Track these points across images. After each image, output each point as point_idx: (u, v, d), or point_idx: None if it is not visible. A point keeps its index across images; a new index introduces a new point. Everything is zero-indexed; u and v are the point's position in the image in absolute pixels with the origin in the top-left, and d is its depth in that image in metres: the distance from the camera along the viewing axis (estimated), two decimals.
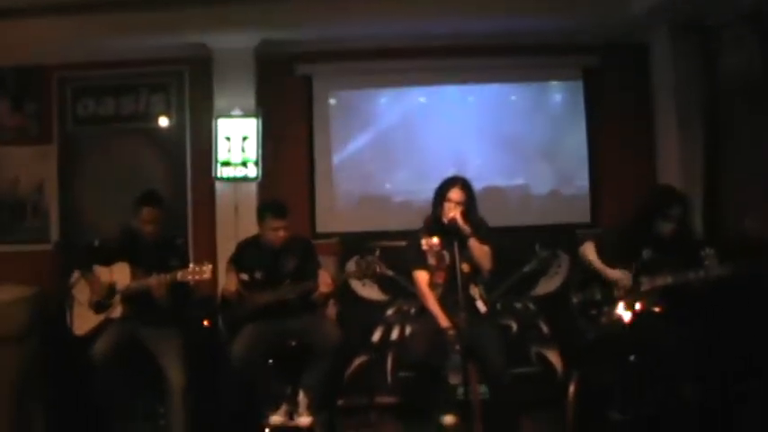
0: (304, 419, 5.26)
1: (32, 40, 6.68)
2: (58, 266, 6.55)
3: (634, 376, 5.14)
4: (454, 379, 5.04)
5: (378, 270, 5.31)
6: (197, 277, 4.96)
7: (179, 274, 4.99)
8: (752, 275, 4.88)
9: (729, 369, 4.87)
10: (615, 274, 5.19)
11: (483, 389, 5.27)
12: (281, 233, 5.41)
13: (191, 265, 5.01)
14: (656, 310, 5.06)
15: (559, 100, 7.38)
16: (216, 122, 6.78)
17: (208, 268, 4.95)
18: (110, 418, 5.22)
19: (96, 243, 5.51)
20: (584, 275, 5.40)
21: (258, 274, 5.47)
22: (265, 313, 5.37)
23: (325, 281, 5.22)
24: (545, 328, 6.52)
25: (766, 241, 5.43)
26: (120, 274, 5.21)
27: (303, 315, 5.40)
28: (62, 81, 7.29)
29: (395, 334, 6.51)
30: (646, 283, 5.08)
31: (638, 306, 5.09)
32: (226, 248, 6.19)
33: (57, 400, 5.72)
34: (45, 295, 5.94)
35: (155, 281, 5.04)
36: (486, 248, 4.93)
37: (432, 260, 5.06)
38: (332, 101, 7.37)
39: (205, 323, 6.17)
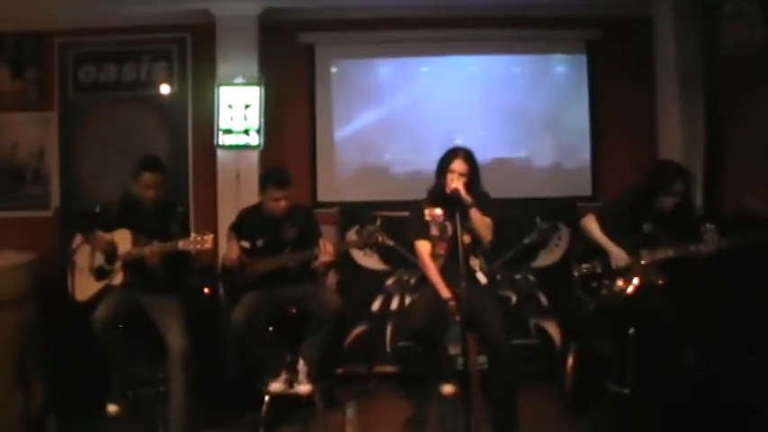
0: (303, 387, 5.28)
1: (33, 5, 6.66)
2: (58, 233, 6.56)
3: (633, 348, 5.17)
4: (453, 349, 5.08)
5: (379, 240, 5.31)
6: (198, 246, 4.95)
7: (180, 243, 4.97)
8: (752, 247, 4.90)
9: (730, 341, 4.89)
10: (614, 249, 5.21)
11: (482, 359, 5.30)
12: (282, 203, 5.40)
13: (192, 235, 5.00)
14: (659, 282, 5.08)
15: (562, 72, 7.33)
16: (218, 90, 6.76)
17: (209, 238, 4.93)
18: (110, 385, 5.24)
19: (97, 209, 5.48)
20: (584, 248, 5.41)
21: (259, 242, 5.48)
22: (266, 281, 5.39)
23: (326, 250, 5.22)
24: (544, 300, 6.55)
25: (766, 217, 5.43)
26: (121, 241, 5.20)
27: (303, 283, 5.42)
28: (63, 47, 7.24)
29: (395, 304, 6.53)
30: (646, 256, 5.10)
31: (636, 281, 5.11)
32: (227, 216, 6.19)
33: (57, 367, 5.74)
34: (45, 261, 5.95)
35: (148, 250, 5.04)
36: (487, 220, 4.94)
37: (434, 231, 5.07)
38: (334, 69, 7.33)
39: (206, 291, 6.18)
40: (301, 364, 5.30)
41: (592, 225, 5.34)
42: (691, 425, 4.68)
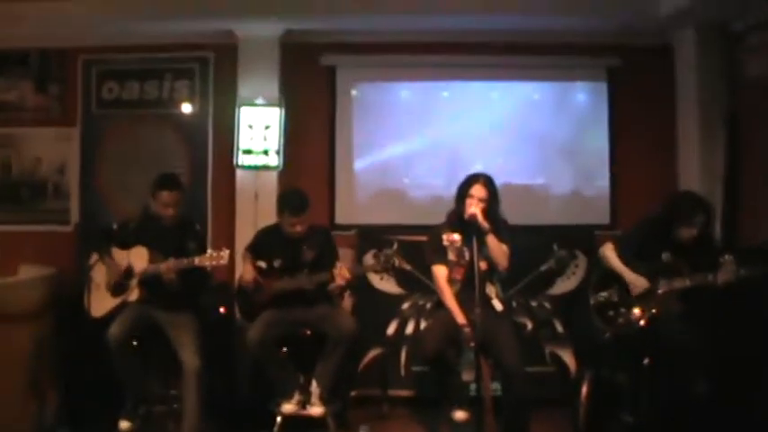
0: (316, 409, 5.28)
1: (57, 21, 6.70)
2: (77, 248, 6.60)
3: (648, 378, 5.14)
4: (467, 375, 5.05)
5: (396, 264, 5.32)
6: (214, 262, 4.97)
7: (196, 260, 5.00)
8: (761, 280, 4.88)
9: (745, 370, 4.86)
10: (632, 276, 5.19)
11: (495, 385, 5.29)
12: (299, 228, 5.42)
13: (208, 251, 5.02)
14: (675, 311, 5.06)
15: (583, 100, 7.33)
16: (239, 110, 6.79)
17: (225, 253, 4.95)
18: (123, 401, 5.24)
19: (114, 226, 5.51)
20: (601, 275, 5.40)
21: (276, 263, 5.50)
22: (282, 301, 5.40)
23: (342, 274, 5.23)
24: (560, 328, 6.52)
25: None
26: (137, 258, 5.23)
27: (319, 305, 5.43)
28: (87, 64, 7.30)
29: (410, 328, 6.50)
30: (663, 285, 5.08)
31: (654, 311, 5.09)
32: (245, 236, 6.21)
33: (71, 381, 5.76)
34: (63, 276, 5.98)
35: (164, 266, 5.05)
36: (504, 247, 4.95)
37: (452, 256, 5.07)
38: (354, 92, 7.34)
39: (221, 310, 6.20)
40: (314, 386, 5.30)
41: (610, 253, 5.34)
42: None
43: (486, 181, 5.05)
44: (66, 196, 7.28)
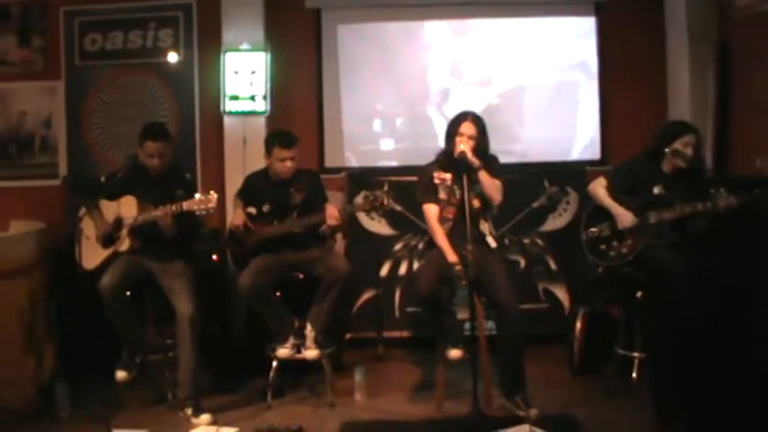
0: (311, 353, 5.27)
1: None
2: (66, 202, 6.57)
3: (642, 311, 5.17)
4: (461, 314, 5.07)
5: (385, 203, 5.26)
6: (203, 206, 4.90)
7: (185, 204, 4.95)
8: (760, 205, 4.87)
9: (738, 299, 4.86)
10: (620, 210, 5.19)
11: (490, 324, 5.32)
12: (289, 164, 5.38)
13: (196, 195, 4.98)
14: (666, 241, 5.06)
15: (571, 36, 7.24)
16: (224, 56, 6.73)
17: (213, 197, 4.88)
18: (119, 351, 5.26)
19: (102, 179, 5.47)
20: (592, 211, 5.41)
21: (266, 207, 5.46)
22: (273, 246, 5.39)
23: (332, 214, 5.19)
24: (553, 265, 6.56)
25: None
26: (126, 208, 5.19)
27: (311, 248, 5.41)
28: (69, 15, 7.20)
29: (403, 269, 6.56)
30: (653, 217, 5.08)
31: (645, 243, 5.10)
32: (234, 183, 6.19)
33: (67, 334, 5.78)
34: (54, 230, 5.96)
35: (160, 212, 5.02)
36: (497, 182, 4.92)
37: (442, 194, 5.05)
38: (341, 34, 7.27)
39: (213, 257, 6.20)
40: (309, 329, 5.29)
41: (599, 189, 5.34)
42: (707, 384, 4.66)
43: (475, 118, 5.02)
44: (53, 150, 7.24)
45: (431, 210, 5.09)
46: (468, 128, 4.96)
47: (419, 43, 7.27)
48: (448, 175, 5.01)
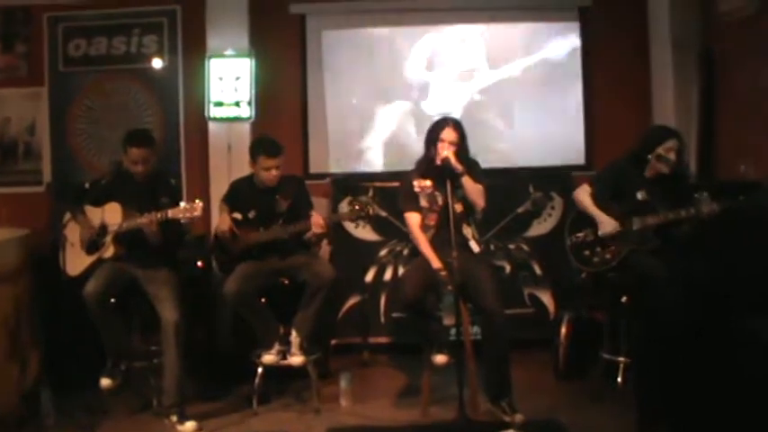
0: (296, 359, 5.27)
1: None
2: (50, 208, 6.54)
3: (626, 316, 5.18)
4: (447, 319, 5.07)
5: (371, 211, 5.27)
6: (188, 215, 4.90)
7: (170, 212, 4.94)
8: (744, 211, 4.88)
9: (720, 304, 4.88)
10: (602, 217, 5.20)
11: (475, 329, 5.33)
12: (274, 172, 5.38)
13: (181, 203, 4.96)
14: (649, 247, 5.07)
15: (555, 41, 7.26)
16: (208, 62, 6.73)
17: (198, 205, 4.88)
18: (104, 359, 5.23)
19: (87, 185, 5.45)
20: (577, 216, 5.41)
21: (251, 214, 5.46)
22: (258, 252, 5.38)
23: (317, 222, 5.20)
24: (538, 270, 6.58)
25: (761, 185, 5.40)
26: (111, 214, 5.17)
27: (296, 254, 5.41)
28: (52, 21, 7.18)
29: (388, 274, 6.56)
30: (637, 223, 5.09)
31: (628, 249, 5.10)
32: (219, 189, 6.17)
33: (51, 341, 5.74)
34: (38, 237, 5.93)
35: (146, 219, 5.01)
36: (479, 187, 4.94)
37: (424, 202, 5.07)
38: (325, 40, 7.27)
39: (198, 263, 6.18)
40: (294, 336, 5.29)
41: (585, 197, 5.33)
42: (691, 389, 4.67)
43: (455, 124, 5.04)
44: (37, 156, 7.21)
45: (413, 218, 5.11)
46: (449, 134, 4.97)
47: (404, 50, 7.25)
48: (428, 183, 5.02)
